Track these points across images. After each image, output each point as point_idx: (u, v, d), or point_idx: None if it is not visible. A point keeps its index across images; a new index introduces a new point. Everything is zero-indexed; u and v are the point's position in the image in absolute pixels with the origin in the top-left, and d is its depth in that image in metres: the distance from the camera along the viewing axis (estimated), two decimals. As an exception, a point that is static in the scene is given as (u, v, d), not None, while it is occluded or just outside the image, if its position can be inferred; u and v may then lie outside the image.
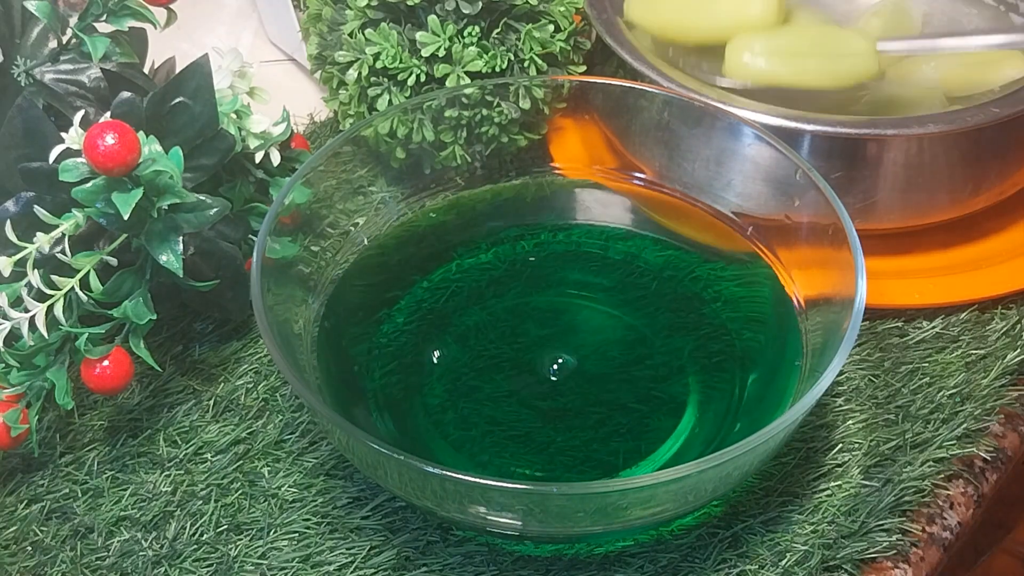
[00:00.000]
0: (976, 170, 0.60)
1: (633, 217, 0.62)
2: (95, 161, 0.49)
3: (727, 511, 0.51)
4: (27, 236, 0.52)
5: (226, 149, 0.57)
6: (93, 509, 0.53)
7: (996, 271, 0.60)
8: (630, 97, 0.61)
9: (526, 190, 0.63)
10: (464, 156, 0.63)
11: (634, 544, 0.50)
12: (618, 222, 0.62)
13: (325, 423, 0.47)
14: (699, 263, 0.58)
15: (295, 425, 0.56)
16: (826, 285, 0.52)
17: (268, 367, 0.59)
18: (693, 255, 0.59)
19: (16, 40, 0.57)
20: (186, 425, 0.56)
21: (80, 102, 0.57)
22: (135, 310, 0.53)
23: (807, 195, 0.53)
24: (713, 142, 0.58)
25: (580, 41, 0.66)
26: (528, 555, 0.50)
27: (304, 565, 0.50)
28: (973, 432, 0.54)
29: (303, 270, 0.56)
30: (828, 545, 0.50)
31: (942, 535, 0.52)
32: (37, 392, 0.52)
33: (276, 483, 0.53)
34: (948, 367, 0.57)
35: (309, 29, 0.67)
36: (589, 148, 0.65)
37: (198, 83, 0.55)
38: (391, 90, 0.63)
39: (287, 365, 0.47)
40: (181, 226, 0.52)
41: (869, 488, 0.52)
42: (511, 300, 0.57)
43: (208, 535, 0.52)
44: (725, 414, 0.52)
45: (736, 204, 0.58)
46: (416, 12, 0.63)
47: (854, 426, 0.55)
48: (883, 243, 0.61)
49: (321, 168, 0.56)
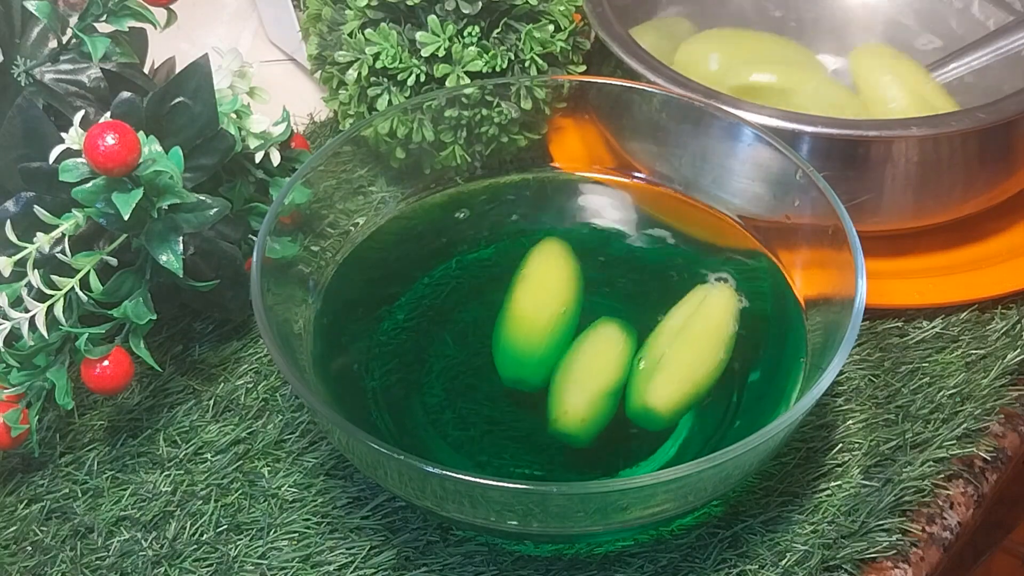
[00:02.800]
0: (976, 172, 0.60)
1: (633, 214, 0.62)
2: (95, 161, 0.49)
3: (727, 511, 0.51)
4: (27, 236, 0.52)
5: (226, 149, 0.57)
6: (93, 509, 0.53)
7: (996, 271, 0.60)
8: (630, 97, 0.61)
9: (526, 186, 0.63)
10: (464, 156, 0.63)
11: (634, 544, 0.50)
12: (618, 219, 0.62)
13: (325, 423, 0.47)
14: (700, 260, 0.58)
15: (295, 425, 0.56)
16: (826, 285, 0.52)
17: (268, 367, 0.59)
18: (694, 252, 0.59)
19: (16, 40, 0.57)
20: (186, 425, 0.56)
21: (80, 102, 0.56)
22: (135, 310, 0.53)
23: (807, 195, 0.53)
24: (713, 142, 0.58)
25: (580, 41, 0.66)
26: (528, 555, 0.50)
27: (304, 565, 0.50)
28: (973, 432, 0.54)
29: (303, 270, 0.56)
30: (828, 545, 0.50)
31: (942, 535, 0.52)
32: (37, 392, 0.52)
33: (276, 483, 0.53)
34: (948, 367, 0.57)
35: (309, 29, 0.67)
36: (589, 148, 0.65)
37: (198, 83, 0.55)
38: (391, 90, 0.63)
39: (287, 365, 0.47)
40: (181, 226, 0.52)
41: (869, 488, 0.52)
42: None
43: (208, 535, 0.52)
44: (725, 413, 0.52)
45: (736, 204, 0.58)
46: (416, 12, 0.63)
47: (854, 426, 0.55)
48: (883, 243, 0.61)
49: (321, 168, 0.56)
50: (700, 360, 0.53)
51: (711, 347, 0.53)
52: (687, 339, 0.53)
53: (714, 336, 0.54)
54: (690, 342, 0.53)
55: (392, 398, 0.53)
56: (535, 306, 0.56)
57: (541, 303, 0.56)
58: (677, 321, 0.54)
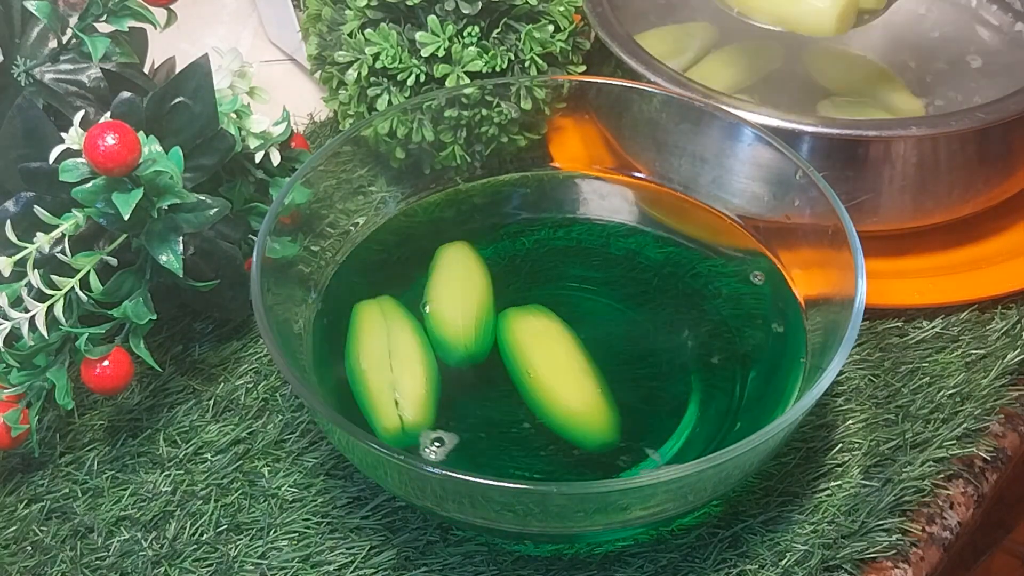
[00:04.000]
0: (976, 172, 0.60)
1: (634, 213, 0.62)
2: (95, 161, 0.49)
3: (727, 511, 0.51)
4: (27, 236, 0.52)
5: (226, 149, 0.57)
6: (93, 509, 0.53)
7: (996, 271, 0.60)
8: (630, 97, 0.61)
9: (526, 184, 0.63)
10: (464, 156, 0.63)
11: (634, 544, 0.50)
12: (618, 218, 0.62)
13: (325, 423, 0.47)
14: (700, 260, 0.58)
15: (295, 425, 0.56)
16: (826, 285, 0.52)
17: (268, 367, 0.59)
18: (694, 252, 0.59)
19: (16, 40, 0.57)
20: (186, 425, 0.56)
21: (80, 102, 0.57)
22: (135, 310, 0.53)
23: (807, 195, 0.53)
24: (713, 142, 0.58)
25: (579, 41, 0.66)
26: (528, 555, 0.50)
27: (304, 565, 0.50)
28: (973, 432, 0.54)
29: (303, 270, 0.56)
30: (828, 545, 0.50)
31: (942, 535, 0.52)
32: (37, 392, 0.52)
33: (276, 483, 0.53)
34: (948, 367, 0.57)
35: (309, 29, 0.67)
36: (589, 148, 0.65)
37: (198, 83, 0.55)
38: (391, 90, 0.63)
39: (287, 365, 0.47)
40: (181, 226, 0.52)
41: (869, 488, 0.52)
42: (510, 296, 0.57)
43: (208, 535, 0.52)
44: (726, 413, 0.52)
45: (736, 204, 0.58)
46: (416, 12, 0.63)
47: (854, 426, 0.55)
48: (883, 243, 0.61)
49: (321, 168, 0.56)
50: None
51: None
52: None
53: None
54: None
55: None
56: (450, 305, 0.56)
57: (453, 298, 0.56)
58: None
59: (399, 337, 0.54)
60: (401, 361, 0.53)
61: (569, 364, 0.53)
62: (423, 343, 0.54)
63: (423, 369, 0.52)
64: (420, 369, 0.52)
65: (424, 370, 0.52)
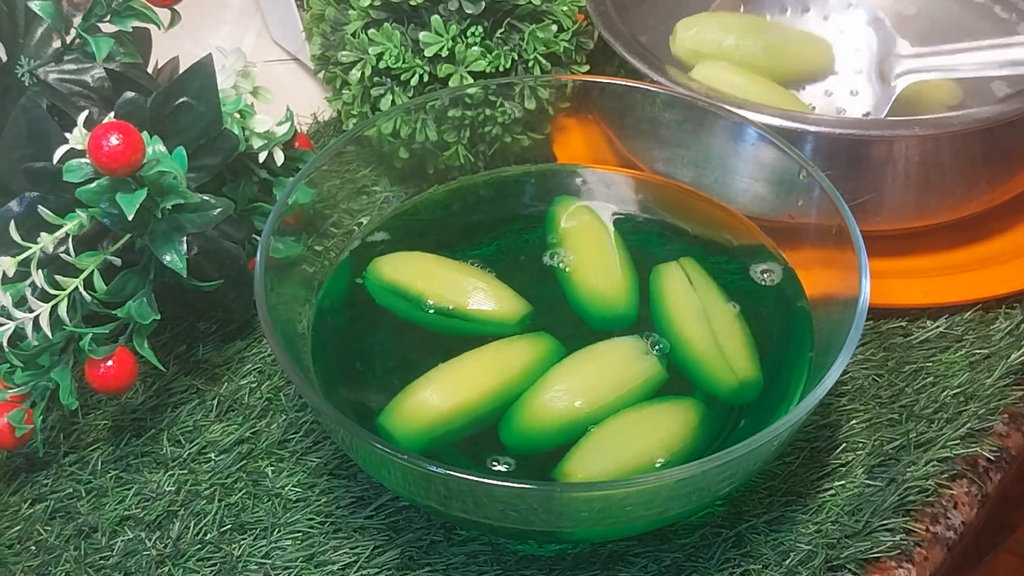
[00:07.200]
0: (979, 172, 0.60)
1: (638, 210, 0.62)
2: (99, 161, 0.49)
3: (731, 510, 0.51)
4: (31, 236, 0.52)
5: (230, 149, 0.57)
6: (97, 509, 0.53)
7: (1000, 271, 0.60)
8: (633, 96, 0.61)
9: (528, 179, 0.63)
10: (467, 156, 0.63)
11: (638, 544, 0.50)
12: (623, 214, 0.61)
13: (328, 423, 0.47)
14: (704, 256, 0.58)
15: (299, 425, 0.56)
16: (830, 285, 0.52)
17: (272, 367, 0.59)
18: (698, 248, 0.59)
19: (20, 40, 0.57)
20: (190, 425, 0.56)
21: (84, 102, 0.57)
22: (139, 310, 0.53)
23: (811, 195, 0.53)
24: (716, 142, 0.58)
25: (583, 41, 0.66)
26: (532, 554, 0.50)
27: (308, 565, 0.50)
28: (977, 432, 0.54)
29: (306, 270, 0.56)
30: (832, 545, 0.50)
31: (946, 535, 0.51)
32: (41, 392, 0.52)
33: (280, 483, 0.54)
34: (952, 367, 0.57)
35: (312, 29, 0.67)
36: (592, 147, 0.65)
37: (202, 83, 0.55)
38: (394, 90, 0.63)
39: (290, 365, 0.47)
40: (185, 226, 0.52)
41: (873, 488, 0.52)
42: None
43: (212, 535, 0.52)
44: (729, 413, 0.51)
45: (739, 204, 0.58)
46: (419, 12, 0.63)
47: (858, 426, 0.55)
48: (887, 243, 0.61)
49: (324, 168, 0.56)
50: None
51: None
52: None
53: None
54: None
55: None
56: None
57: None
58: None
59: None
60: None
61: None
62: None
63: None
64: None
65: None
